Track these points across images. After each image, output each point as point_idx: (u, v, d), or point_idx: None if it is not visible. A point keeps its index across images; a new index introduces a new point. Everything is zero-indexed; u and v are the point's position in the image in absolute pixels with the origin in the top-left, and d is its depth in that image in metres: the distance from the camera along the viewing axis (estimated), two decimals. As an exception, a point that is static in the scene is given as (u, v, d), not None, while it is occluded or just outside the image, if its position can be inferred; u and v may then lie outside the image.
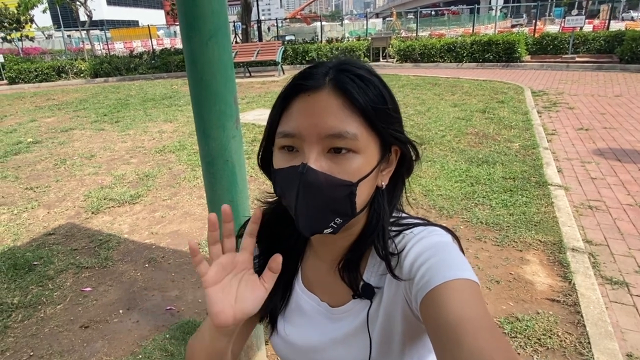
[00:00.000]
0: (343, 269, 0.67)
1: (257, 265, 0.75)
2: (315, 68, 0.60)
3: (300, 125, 0.57)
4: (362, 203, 0.60)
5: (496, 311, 2.28)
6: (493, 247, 2.91)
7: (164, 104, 9.33)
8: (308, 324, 0.73)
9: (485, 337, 0.47)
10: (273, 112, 0.62)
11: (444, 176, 4.17)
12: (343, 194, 0.57)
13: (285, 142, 0.59)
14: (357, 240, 0.67)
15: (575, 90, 8.47)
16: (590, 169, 4.24)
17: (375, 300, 0.65)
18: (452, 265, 0.55)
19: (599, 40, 12.76)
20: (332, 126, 0.56)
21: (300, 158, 0.58)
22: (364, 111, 0.56)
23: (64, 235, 3.49)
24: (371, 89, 0.58)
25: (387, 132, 0.59)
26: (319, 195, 0.57)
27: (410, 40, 15.20)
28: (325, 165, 0.57)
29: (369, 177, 0.59)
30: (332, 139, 0.56)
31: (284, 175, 0.59)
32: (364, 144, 0.57)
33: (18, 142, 6.60)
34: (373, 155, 0.59)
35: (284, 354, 0.77)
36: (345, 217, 0.60)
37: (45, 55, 20.09)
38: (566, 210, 3.33)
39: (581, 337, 2.06)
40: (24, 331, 2.37)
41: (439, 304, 0.51)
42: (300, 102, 0.58)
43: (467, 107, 7.18)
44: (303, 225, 0.60)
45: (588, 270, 2.57)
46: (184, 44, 1.37)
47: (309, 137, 0.57)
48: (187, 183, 4.49)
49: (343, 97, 0.56)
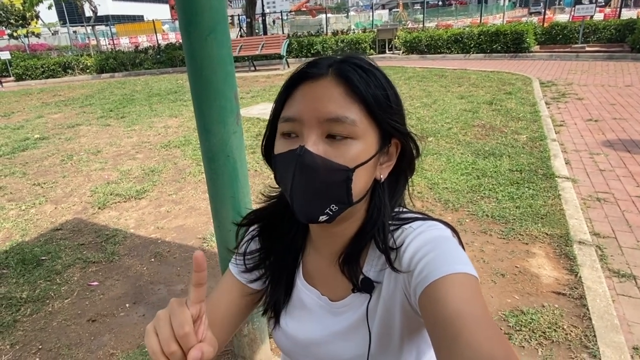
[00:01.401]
0: (343, 262, 0.67)
1: (257, 259, 0.75)
2: (320, 59, 0.62)
3: (301, 109, 0.59)
4: (359, 192, 0.60)
5: (501, 304, 2.27)
6: (499, 240, 2.90)
7: (169, 99, 9.35)
8: (309, 317, 0.73)
9: (483, 332, 0.46)
10: (277, 99, 0.64)
11: (450, 169, 4.14)
12: (339, 179, 0.58)
13: (287, 128, 0.60)
14: (358, 233, 0.67)
15: (585, 81, 8.35)
16: (598, 161, 4.18)
17: (374, 294, 0.66)
18: (451, 259, 0.55)
19: (610, 29, 12.54)
20: (332, 111, 0.57)
21: (299, 142, 0.58)
22: (365, 99, 0.58)
23: (71, 230, 3.53)
24: (373, 79, 0.59)
25: (386, 122, 0.60)
26: (315, 178, 0.57)
27: (417, 32, 15.04)
28: (322, 149, 0.57)
29: (367, 165, 0.59)
30: (331, 123, 0.57)
31: (282, 159, 0.60)
32: (362, 131, 0.58)
33: (25, 139, 6.66)
34: (372, 144, 0.60)
35: (286, 347, 0.77)
36: (341, 205, 0.60)
37: (52, 52, 20.22)
38: (573, 203, 3.29)
39: (587, 330, 2.04)
40: (33, 325, 2.41)
41: (437, 299, 0.51)
42: (303, 89, 0.60)
43: (474, 99, 7.11)
44: (298, 209, 0.60)
45: (595, 263, 2.54)
46: (183, 39, 1.36)
47: (308, 121, 0.58)
48: (192, 178, 4.51)
49: (345, 85, 0.58)
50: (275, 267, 0.75)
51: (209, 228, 3.36)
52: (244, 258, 0.75)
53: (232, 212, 1.53)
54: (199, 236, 3.28)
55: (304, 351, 0.74)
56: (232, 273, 0.77)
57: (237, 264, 0.77)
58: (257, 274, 0.76)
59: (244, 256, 0.76)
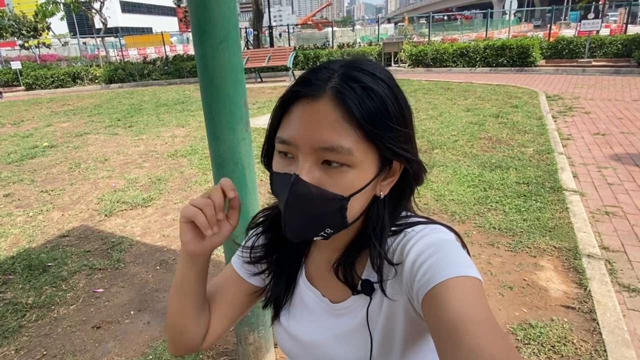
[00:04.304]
0: (337, 268, 0.67)
1: (262, 252, 0.75)
2: (320, 71, 0.58)
3: (296, 134, 0.57)
4: (354, 215, 0.60)
5: (509, 317, 2.24)
6: (506, 252, 2.87)
7: (176, 109, 9.44)
8: (311, 318, 0.73)
9: (486, 335, 0.46)
10: (273, 114, 0.62)
11: (456, 181, 4.13)
12: (333, 208, 0.57)
13: (283, 149, 0.60)
14: (352, 243, 0.67)
15: (592, 95, 8.34)
16: (607, 174, 4.15)
17: (376, 297, 0.65)
18: (454, 262, 0.54)
19: (616, 44, 12.57)
20: (327, 139, 0.55)
21: (295, 166, 0.58)
22: (361, 125, 0.55)
23: (78, 237, 3.54)
24: (373, 98, 0.55)
25: (385, 147, 0.57)
26: (308, 207, 0.57)
27: (423, 45, 15.16)
28: (317, 176, 0.56)
29: (363, 191, 0.58)
30: (326, 151, 0.55)
31: (278, 180, 0.61)
32: (359, 159, 0.56)
33: (34, 147, 6.74)
34: (369, 170, 0.58)
35: (288, 348, 0.77)
36: (335, 228, 0.60)
37: (62, 62, 20.50)
38: (582, 216, 3.26)
39: (597, 344, 2.01)
40: (38, 331, 2.40)
41: (440, 302, 0.51)
42: (299, 110, 0.57)
43: (480, 112, 7.12)
44: (290, 234, 0.61)
45: (604, 277, 2.51)
46: (195, 47, 1.38)
47: (303, 147, 0.56)
48: (198, 187, 4.53)
49: (341, 108, 0.55)
50: (278, 263, 0.76)
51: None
52: (250, 250, 0.76)
53: (240, 219, 1.53)
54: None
55: (306, 353, 0.74)
56: (233, 267, 0.78)
57: (242, 256, 0.77)
58: (260, 268, 0.77)
59: (250, 249, 0.76)
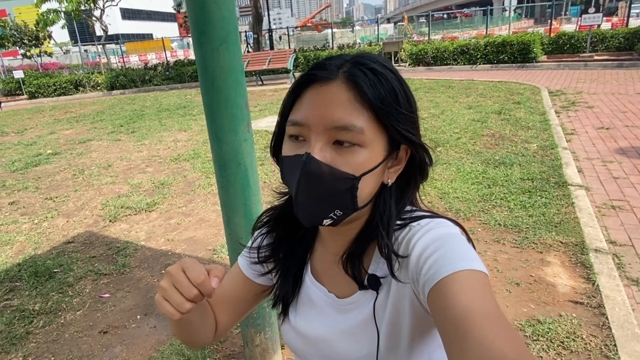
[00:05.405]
0: (346, 261, 0.67)
1: (269, 252, 0.75)
2: (332, 60, 0.60)
3: (309, 114, 0.58)
4: (364, 198, 0.60)
5: (517, 314, 2.23)
6: (512, 249, 2.85)
7: (178, 114, 9.46)
8: (317, 315, 0.73)
9: (493, 329, 0.45)
10: (286, 99, 0.63)
11: (460, 178, 4.12)
12: (344, 187, 0.57)
13: (294, 131, 0.60)
14: (360, 234, 0.67)
15: (595, 89, 8.30)
16: (612, 169, 4.12)
17: (382, 292, 0.65)
18: (459, 256, 0.54)
19: (618, 38, 12.50)
20: (339, 118, 0.56)
21: (306, 147, 0.58)
22: (373, 105, 0.56)
23: (83, 243, 3.55)
24: (383, 83, 0.57)
25: (395, 129, 0.59)
26: (320, 185, 0.57)
27: (423, 44, 15.14)
28: (329, 156, 0.57)
29: (373, 172, 0.59)
30: (338, 131, 0.56)
31: (288, 163, 0.61)
32: (370, 139, 0.57)
33: (38, 154, 6.77)
34: (379, 151, 0.59)
35: (295, 345, 0.77)
36: (345, 210, 0.60)
37: (63, 70, 20.62)
38: (588, 211, 3.24)
39: (607, 339, 1.99)
40: (45, 337, 2.41)
41: (446, 296, 0.50)
42: (312, 92, 0.59)
43: (482, 109, 7.10)
44: (302, 214, 0.61)
45: (612, 271, 2.49)
46: (195, 50, 1.38)
47: (315, 127, 0.57)
48: (201, 190, 4.53)
49: (354, 90, 0.56)
50: (285, 261, 0.76)
51: (219, 240, 3.36)
52: (257, 250, 0.77)
53: (244, 220, 1.53)
54: (209, 248, 3.28)
55: (313, 349, 0.74)
56: (240, 268, 0.79)
57: (249, 257, 0.78)
58: (267, 268, 0.77)
59: (257, 250, 0.77)
